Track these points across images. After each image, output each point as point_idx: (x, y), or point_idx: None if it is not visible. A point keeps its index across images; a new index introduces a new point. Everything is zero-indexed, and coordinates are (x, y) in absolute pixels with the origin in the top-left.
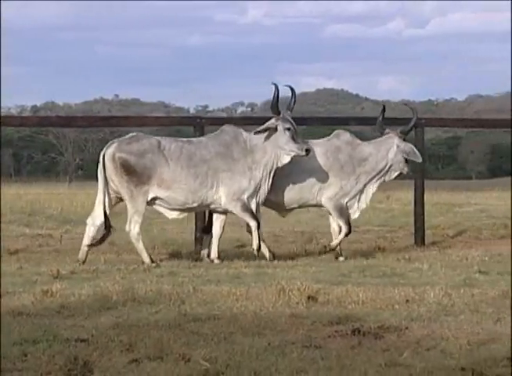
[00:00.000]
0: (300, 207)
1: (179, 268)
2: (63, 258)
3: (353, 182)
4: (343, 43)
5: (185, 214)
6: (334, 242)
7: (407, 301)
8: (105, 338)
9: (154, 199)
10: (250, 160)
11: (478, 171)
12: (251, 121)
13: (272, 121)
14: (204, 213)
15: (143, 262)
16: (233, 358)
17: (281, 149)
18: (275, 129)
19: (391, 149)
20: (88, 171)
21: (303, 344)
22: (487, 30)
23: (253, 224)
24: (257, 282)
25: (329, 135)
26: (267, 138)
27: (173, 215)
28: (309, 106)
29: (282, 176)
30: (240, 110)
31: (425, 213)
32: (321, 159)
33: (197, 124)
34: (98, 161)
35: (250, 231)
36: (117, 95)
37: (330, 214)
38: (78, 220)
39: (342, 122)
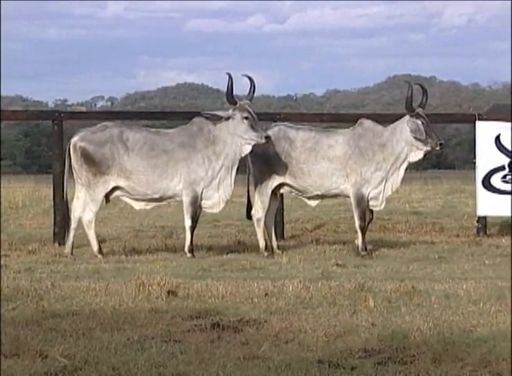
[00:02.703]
0: (324, 195)
1: (37, 264)
2: None
3: (373, 169)
4: (204, 38)
5: (153, 205)
6: (359, 244)
7: (266, 294)
8: None
9: (117, 189)
10: (211, 150)
11: None
12: (111, 116)
13: (230, 110)
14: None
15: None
16: (92, 354)
17: (241, 138)
18: (228, 118)
19: (403, 129)
20: None
21: (162, 338)
22: (344, 27)
23: (188, 223)
24: (117, 277)
25: None
26: (226, 128)
27: (139, 205)
28: (170, 100)
29: (299, 162)
30: (100, 104)
31: (284, 207)
32: (343, 147)
33: (56, 118)
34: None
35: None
36: None
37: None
38: None
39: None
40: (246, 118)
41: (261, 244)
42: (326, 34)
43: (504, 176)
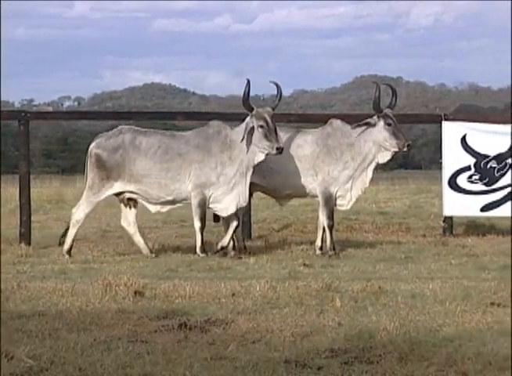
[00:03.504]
0: (295, 195)
1: (3, 264)
2: None
3: (341, 168)
4: (170, 38)
5: (168, 207)
6: (327, 243)
7: (233, 294)
8: None
9: (127, 192)
10: (227, 156)
11: None
12: (77, 116)
13: (248, 118)
14: None
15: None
16: (58, 354)
17: (255, 146)
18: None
19: (372, 130)
20: None
21: (129, 339)
22: (311, 27)
23: (197, 225)
24: (84, 278)
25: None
26: (241, 134)
27: (155, 208)
28: (137, 100)
29: (269, 162)
30: (67, 104)
31: (251, 207)
32: (311, 146)
33: (22, 118)
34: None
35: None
36: None
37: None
38: None
39: (170, 117)
40: (261, 127)
41: (229, 243)
42: (293, 34)
43: (470, 176)
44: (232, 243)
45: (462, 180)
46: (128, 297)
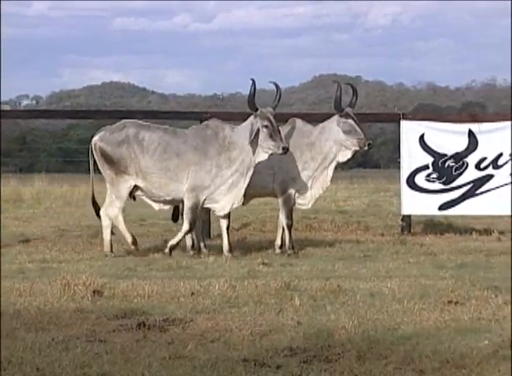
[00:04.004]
0: (256, 194)
1: None
2: None
3: (300, 168)
4: (130, 36)
5: (168, 206)
6: (286, 242)
7: (192, 293)
8: None
9: (137, 188)
10: (225, 157)
11: None
12: (35, 114)
13: (251, 118)
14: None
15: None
16: (16, 354)
17: (259, 146)
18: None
19: (332, 129)
20: None
21: (87, 338)
22: (270, 26)
23: (185, 227)
24: (42, 277)
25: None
26: (245, 134)
27: (158, 206)
28: (95, 99)
29: None
30: (25, 102)
31: None
32: None
33: None
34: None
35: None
36: None
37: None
38: None
39: (129, 116)
40: (266, 127)
41: (188, 242)
42: (252, 34)
43: (428, 175)
44: (191, 242)
45: (420, 179)
46: (87, 296)
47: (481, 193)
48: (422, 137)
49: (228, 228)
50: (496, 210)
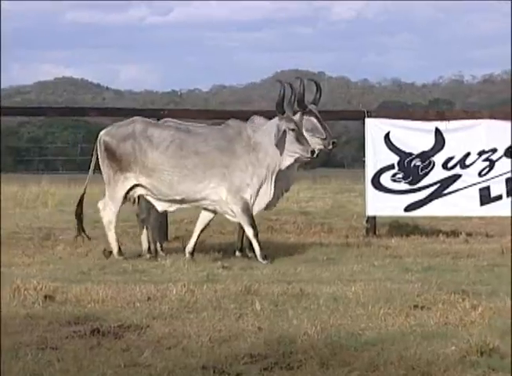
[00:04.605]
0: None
1: None
2: None
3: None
4: (82, 30)
5: (176, 207)
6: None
7: (149, 298)
8: None
9: (137, 187)
10: (254, 157)
11: None
12: None
13: (276, 120)
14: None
15: (110, 252)
16: None
17: (284, 150)
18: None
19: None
20: None
21: (38, 346)
22: (231, 19)
23: (250, 232)
24: None
25: (70, 126)
26: (269, 137)
27: (162, 206)
28: (47, 96)
29: None
30: None
31: None
32: None
33: None
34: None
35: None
36: None
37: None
38: None
39: (82, 113)
40: (293, 130)
41: (144, 245)
42: (212, 27)
43: (394, 175)
44: (147, 245)
45: (385, 179)
46: (38, 301)
47: (449, 193)
48: (387, 135)
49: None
50: (464, 211)
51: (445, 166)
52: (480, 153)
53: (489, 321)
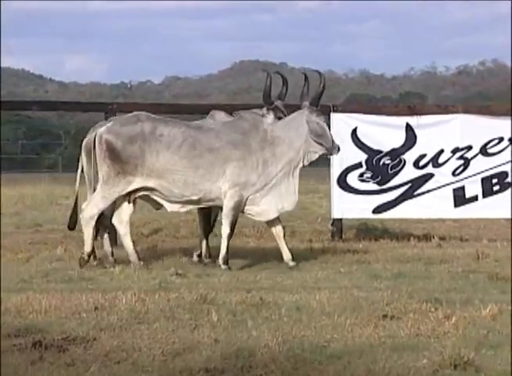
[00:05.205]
0: None
1: None
2: None
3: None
4: (23, 17)
5: (189, 207)
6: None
7: (96, 308)
8: None
9: (143, 189)
10: (269, 153)
11: None
12: None
13: (300, 112)
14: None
15: (82, 252)
16: None
17: (309, 144)
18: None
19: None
20: None
21: None
22: (186, 6)
23: (226, 231)
24: None
25: (10, 121)
26: (292, 130)
27: (173, 207)
28: None
29: None
30: None
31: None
32: None
33: None
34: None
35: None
36: None
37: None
38: None
39: (23, 106)
40: (318, 123)
41: (107, 248)
42: (165, 14)
43: (361, 174)
44: (110, 248)
45: (352, 179)
46: None
47: (420, 194)
48: (354, 131)
49: (284, 235)
50: (437, 213)
51: (416, 165)
52: (454, 151)
53: (464, 332)
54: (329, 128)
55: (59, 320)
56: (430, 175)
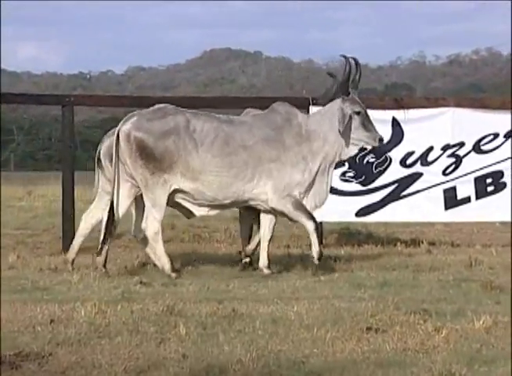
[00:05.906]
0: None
1: None
2: None
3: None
4: None
5: (217, 211)
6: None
7: (52, 321)
8: None
9: (176, 191)
10: (306, 149)
11: None
12: None
13: (337, 102)
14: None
15: (163, 271)
16: None
17: (348, 137)
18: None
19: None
20: None
21: None
22: None
23: (310, 225)
24: None
25: None
26: (329, 123)
27: (201, 211)
28: None
29: None
30: None
31: (76, 212)
32: None
33: None
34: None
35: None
36: None
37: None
38: None
39: None
40: (358, 114)
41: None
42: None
43: (343, 174)
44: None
45: (333, 178)
46: None
47: (408, 195)
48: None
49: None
50: (426, 216)
51: (403, 163)
52: (444, 148)
53: (455, 346)
54: None
55: (12, 334)
56: (419, 175)
